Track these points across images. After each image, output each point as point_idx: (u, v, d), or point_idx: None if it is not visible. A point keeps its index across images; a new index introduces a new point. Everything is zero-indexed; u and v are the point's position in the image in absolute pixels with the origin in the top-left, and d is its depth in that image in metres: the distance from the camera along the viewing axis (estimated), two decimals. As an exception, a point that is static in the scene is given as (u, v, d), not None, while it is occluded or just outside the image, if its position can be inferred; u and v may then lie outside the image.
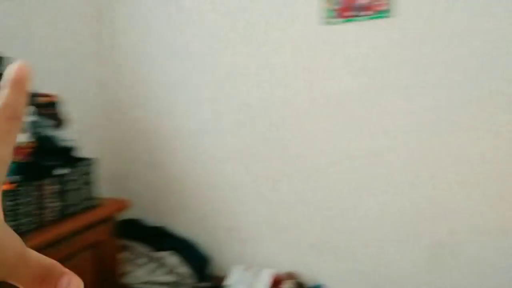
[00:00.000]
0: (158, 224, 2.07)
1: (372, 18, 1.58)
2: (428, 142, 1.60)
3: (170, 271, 1.70)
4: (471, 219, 1.58)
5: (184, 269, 1.73)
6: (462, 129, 1.56)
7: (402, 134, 1.63)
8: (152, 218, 2.10)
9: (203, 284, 1.82)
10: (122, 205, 1.58)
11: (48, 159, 1.43)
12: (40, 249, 1.15)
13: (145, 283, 1.63)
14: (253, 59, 1.80)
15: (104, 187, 1.69)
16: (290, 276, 1.68)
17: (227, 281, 1.72)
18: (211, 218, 1.97)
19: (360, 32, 1.62)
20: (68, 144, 1.51)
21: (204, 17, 1.87)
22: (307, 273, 1.76)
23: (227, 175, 1.91)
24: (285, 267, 1.77)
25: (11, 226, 0.24)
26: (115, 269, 1.56)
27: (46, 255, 0.26)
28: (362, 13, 1.59)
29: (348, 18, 1.61)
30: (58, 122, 1.64)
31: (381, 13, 1.57)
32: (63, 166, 1.46)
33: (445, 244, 1.63)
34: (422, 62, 1.55)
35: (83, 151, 1.61)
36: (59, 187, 1.39)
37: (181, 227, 2.04)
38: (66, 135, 1.55)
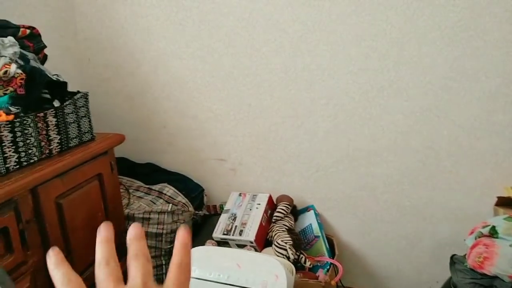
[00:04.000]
0: (145, 161, 2.08)
1: None
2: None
3: (169, 201, 1.75)
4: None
5: (181, 198, 1.79)
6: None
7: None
8: (137, 156, 2.10)
9: (201, 212, 1.89)
10: (119, 138, 1.58)
11: (41, 92, 1.38)
12: (48, 179, 1.15)
13: (149, 212, 1.67)
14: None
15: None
16: (284, 198, 1.79)
17: (226, 206, 1.81)
18: (199, 151, 2.00)
19: None
20: (57, 77, 1.45)
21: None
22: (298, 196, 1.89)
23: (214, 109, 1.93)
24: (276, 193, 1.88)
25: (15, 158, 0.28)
26: (118, 201, 1.58)
27: (54, 185, 0.29)
28: None
29: None
30: (41, 55, 1.56)
31: None
32: (59, 99, 1.42)
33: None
34: None
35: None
36: (58, 120, 1.36)
37: (169, 163, 2.07)
38: (50, 69, 1.49)
